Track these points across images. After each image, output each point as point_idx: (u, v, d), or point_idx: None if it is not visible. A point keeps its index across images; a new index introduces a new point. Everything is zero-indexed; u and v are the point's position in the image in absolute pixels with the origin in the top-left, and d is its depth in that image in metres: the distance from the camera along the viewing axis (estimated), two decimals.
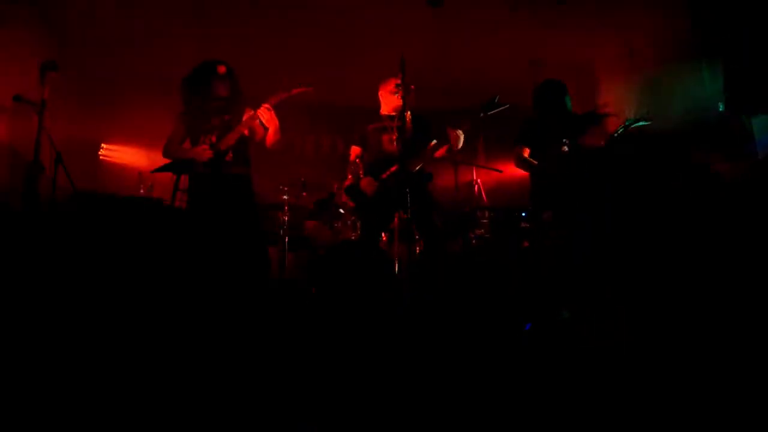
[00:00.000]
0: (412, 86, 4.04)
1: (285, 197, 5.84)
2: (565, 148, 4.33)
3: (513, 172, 6.75)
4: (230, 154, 4.00)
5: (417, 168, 4.22)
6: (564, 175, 4.22)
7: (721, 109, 5.15)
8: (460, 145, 4.17)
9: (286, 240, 5.63)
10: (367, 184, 4.33)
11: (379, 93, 4.59)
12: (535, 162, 4.44)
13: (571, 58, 6.69)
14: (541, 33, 6.33)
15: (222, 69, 3.99)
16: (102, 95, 6.58)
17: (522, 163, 4.51)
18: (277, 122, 4.02)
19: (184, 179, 4.07)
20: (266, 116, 3.96)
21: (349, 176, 4.52)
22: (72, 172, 4.90)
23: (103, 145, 6.85)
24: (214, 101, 4.00)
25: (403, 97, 3.97)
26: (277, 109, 4.02)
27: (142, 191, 6.40)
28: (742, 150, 5.03)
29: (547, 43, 6.52)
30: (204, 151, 3.95)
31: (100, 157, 6.80)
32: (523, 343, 3.11)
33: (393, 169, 4.26)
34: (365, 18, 6.26)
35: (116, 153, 6.97)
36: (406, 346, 3.01)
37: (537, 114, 4.52)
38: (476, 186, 6.89)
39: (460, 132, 4.12)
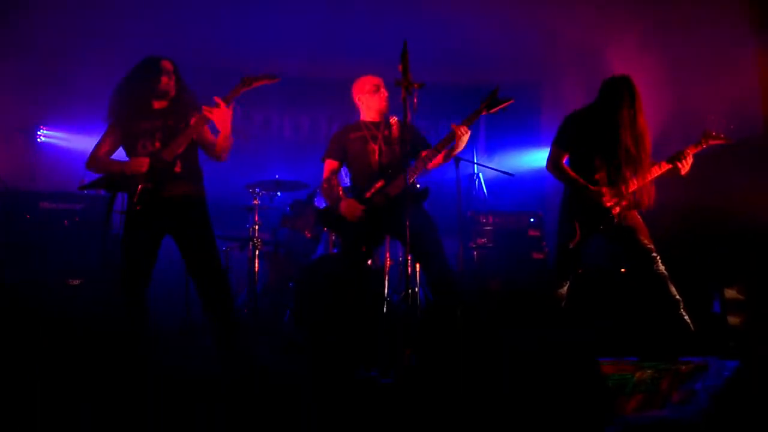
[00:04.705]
0: (416, 84, 3.15)
1: (256, 201, 4.97)
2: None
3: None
4: (179, 165, 3.21)
5: (408, 184, 3.38)
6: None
7: None
8: (463, 146, 3.52)
9: (257, 252, 4.78)
10: (347, 207, 3.48)
11: (355, 97, 3.73)
12: (573, 173, 3.56)
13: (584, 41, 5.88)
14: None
15: (168, 65, 3.27)
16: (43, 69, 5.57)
17: (557, 171, 3.64)
18: (230, 125, 3.24)
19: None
20: (221, 116, 3.16)
21: (324, 197, 3.73)
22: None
23: (42, 128, 5.86)
24: (156, 101, 3.27)
25: (404, 99, 3.11)
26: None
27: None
28: None
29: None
30: (142, 164, 3.14)
31: (39, 142, 5.83)
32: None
33: (378, 185, 3.52)
34: None
35: (59, 138, 5.98)
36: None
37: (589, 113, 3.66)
38: (476, 181, 6.09)
39: (465, 129, 3.43)
